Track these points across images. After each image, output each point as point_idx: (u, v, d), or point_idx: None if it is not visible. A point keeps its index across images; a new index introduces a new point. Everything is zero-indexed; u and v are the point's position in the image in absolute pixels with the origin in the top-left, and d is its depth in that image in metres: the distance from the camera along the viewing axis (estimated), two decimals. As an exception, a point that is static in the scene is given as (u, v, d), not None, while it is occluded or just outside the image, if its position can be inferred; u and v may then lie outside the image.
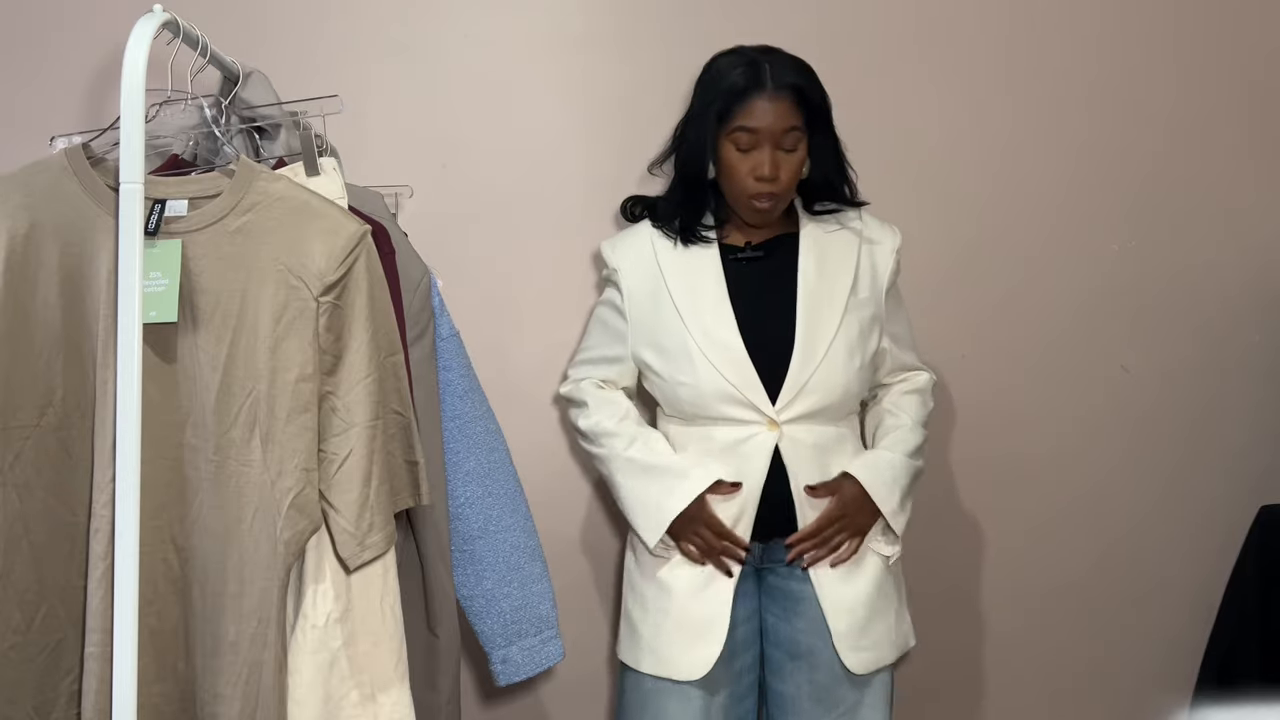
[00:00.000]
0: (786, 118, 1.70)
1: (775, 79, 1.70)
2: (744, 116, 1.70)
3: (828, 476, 1.76)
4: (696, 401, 1.76)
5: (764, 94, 1.69)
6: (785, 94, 1.70)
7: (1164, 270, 2.19)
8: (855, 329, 1.77)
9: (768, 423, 1.74)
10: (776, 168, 1.71)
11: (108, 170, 1.44)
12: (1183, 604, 2.22)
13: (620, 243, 1.87)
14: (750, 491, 1.74)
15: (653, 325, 1.80)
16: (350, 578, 1.45)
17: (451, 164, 2.06)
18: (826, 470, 1.76)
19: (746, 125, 1.70)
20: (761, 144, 1.70)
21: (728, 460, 1.75)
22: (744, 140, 1.70)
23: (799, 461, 1.74)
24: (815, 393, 1.74)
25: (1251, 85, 2.18)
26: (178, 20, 1.41)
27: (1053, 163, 2.16)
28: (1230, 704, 2.01)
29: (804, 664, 1.77)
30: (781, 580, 1.79)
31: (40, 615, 1.42)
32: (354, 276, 1.42)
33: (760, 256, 1.80)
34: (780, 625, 1.79)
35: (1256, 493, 2.17)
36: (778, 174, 1.71)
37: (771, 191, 1.72)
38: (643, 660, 1.78)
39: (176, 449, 1.42)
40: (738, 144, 1.71)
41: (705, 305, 1.77)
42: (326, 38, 2.03)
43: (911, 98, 2.11)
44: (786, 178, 1.73)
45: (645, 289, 1.81)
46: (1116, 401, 2.20)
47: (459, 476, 1.76)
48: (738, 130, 1.70)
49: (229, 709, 1.41)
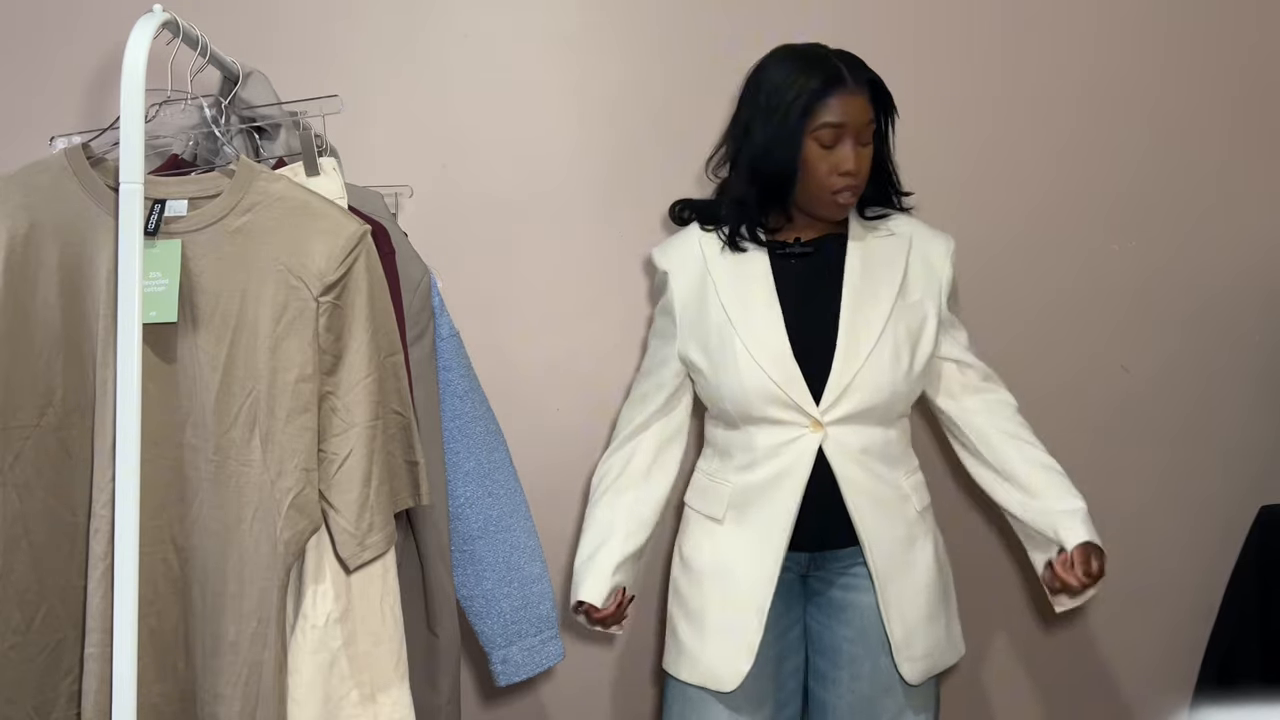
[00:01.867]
0: (867, 111, 1.70)
1: (853, 73, 1.70)
2: (828, 113, 1.68)
3: (876, 480, 1.73)
4: (740, 400, 1.74)
5: (847, 89, 1.68)
6: (864, 89, 1.70)
7: (1164, 270, 2.19)
8: (903, 330, 1.74)
9: (812, 424, 1.72)
10: (859, 161, 1.71)
11: (108, 170, 1.45)
12: (1183, 604, 2.22)
13: (669, 247, 1.85)
14: (791, 496, 1.72)
15: (701, 327, 1.78)
16: (350, 578, 1.45)
17: (451, 164, 2.06)
18: (874, 474, 1.73)
19: (831, 121, 1.68)
20: (845, 139, 1.69)
21: (770, 465, 1.73)
22: (828, 137, 1.69)
23: (846, 464, 1.72)
24: (860, 392, 1.71)
25: (1252, 85, 2.18)
26: (178, 20, 1.41)
27: (1052, 162, 2.16)
28: (1230, 704, 2.01)
29: (846, 673, 1.76)
30: (829, 588, 1.78)
31: (40, 615, 1.42)
32: (354, 276, 1.42)
33: (810, 253, 1.78)
34: (825, 632, 1.79)
35: (1256, 493, 2.17)
36: (860, 169, 1.71)
37: (854, 185, 1.72)
38: (683, 669, 1.77)
39: (176, 449, 1.42)
40: (821, 141, 1.69)
41: (753, 304, 1.75)
42: (327, 38, 2.03)
43: (908, 97, 2.10)
44: (866, 171, 1.73)
45: (694, 291, 1.80)
46: (1116, 401, 2.20)
47: (459, 476, 1.76)
48: (822, 127, 1.69)
49: (229, 709, 1.41)
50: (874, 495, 1.73)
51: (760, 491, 1.74)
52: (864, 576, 1.75)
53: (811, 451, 1.72)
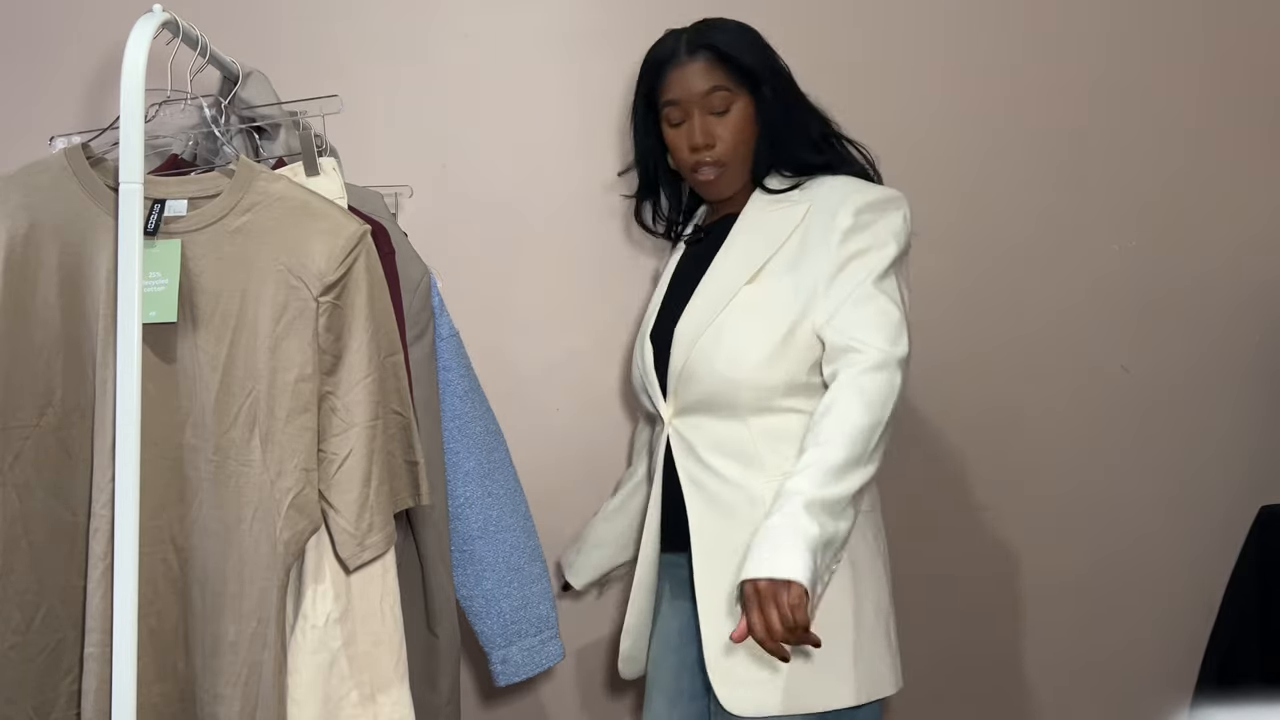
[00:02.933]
0: (705, 78, 1.60)
1: (689, 45, 1.62)
2: (665, 90, 1.64)
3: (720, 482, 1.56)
4: (633, 394, 1.76)
5: (679, 61, 1.62)
6: (700, 55, 1.61)
7: (1164, 270, 2.19)
8: (761, 313, 1.54)
9: (669, 417, 1.64)
10: (708, 133, 1.61)
11: (107, 170, 1.45)
12: (1183, 604, 2.22)
13: None
14: (655, 493, 1.68)
15: None
16: (350, 578, 1.45)
17: (451, 164, 2.06)
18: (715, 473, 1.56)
19: (669, 98, 1.63)
20: (691, 113, 1.62)
21: (645, 461, 1.76)
22: (674, 115, 1.63)
23: (685, 460, 1.60)
24: (694, 382, 1.58)
25: (1252, 84, 2.18)
26: (178, 20, 1.41)
27: (1052, 162, 2.15)
28: (1230, 704, 2.01)
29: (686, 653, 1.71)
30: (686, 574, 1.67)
31: (40, 615, 1.42)
32: (354, 276, 1.42)
33: (700, 239, 1.73)
34: None
35: (1256, 493, 2.17)
36: (711, 140, 1.61)
37: (709, 160, 1.61)
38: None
39: (176, 449, 1.42)
40: (670, 120, 1.65)
41: (653, 299, 1.76)
42: (326, 38, 2.03)
43: (909, 95, 2.11)
44: (724, 143, 1.61)
45: None
46: (1116, 401, 2.20)
47: (459, 476, 1.76)
48: (665, 105, 1.64)
49: (229, 709, 1.41)
50: (714, 498, 1.56)
51: (643, 488, 1.79)
52: None
53: (662, 446, 1.65)
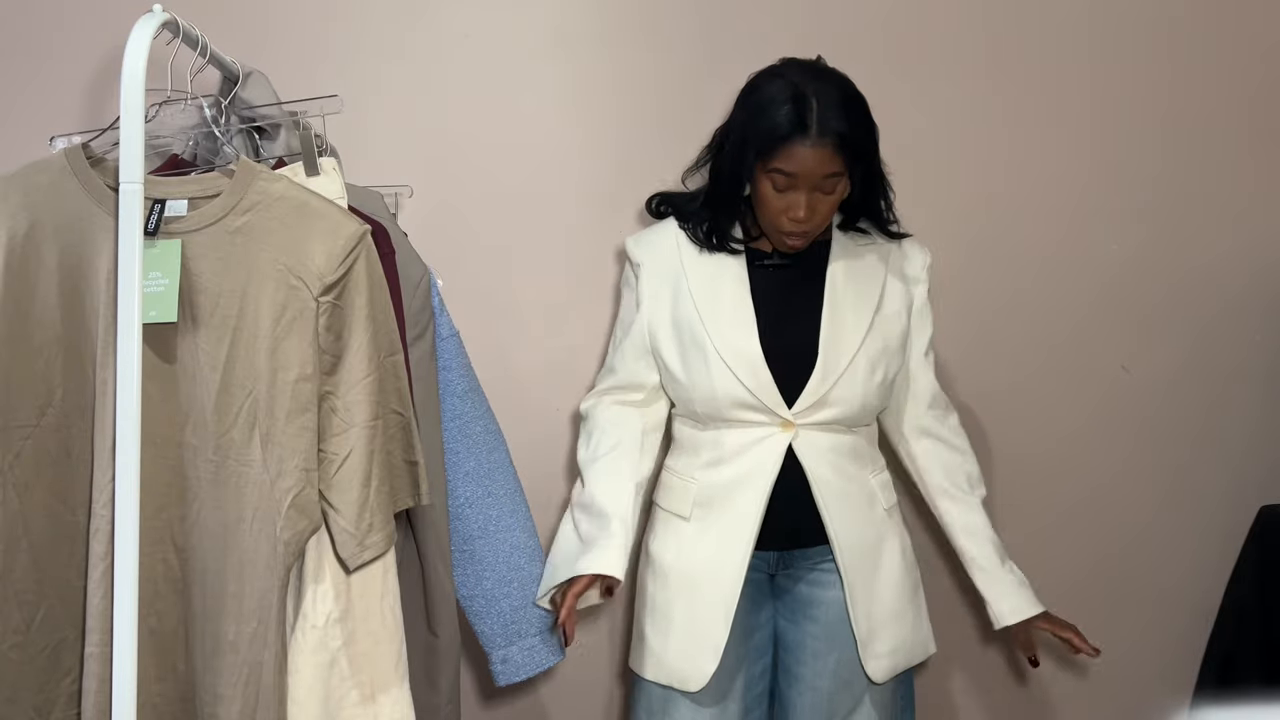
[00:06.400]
0: (826, 165, 1.63)
1: (820, 124, 1.61)
2: (783, 160, 1.63)
3: (845, 481, 1.75)
4: (710, 404, 1.74)
5: (806, 140, 1.61)
6: (829, 140, 1.61)
7: (1164, 270, 2.18)
8: (879, 344, 1.75)
9: (782, 424, 1.72)
10: (812, 211, 1.66)
11: (107, 170, 1.45)
12: (1183, 604, 2.22)
13: (644, 239, 1.85)
14: (759, 494, 1.72)
15: (671, 324, 1.78)
16: (350, 578, 1.45)
17: (451, 164, 2.06)
18: (843, 473, 1.75)
19: (784, 170, 1.64)
20: (798, 188, 1.65)
21: (738, 463, 1.74)
22: (781, 182, 1.65)
23: (816, 463, 1.73)
24: (834, 405, 1.72)
25: (1251, 84, 2.18)
26: (178, 20, 1.41)
27: (1052, 163, 2.15)
28: (1230, 704, 2.01)
29: (809, 669, 1.76)
30: (796, 584, 1.78)
31: (40, 615, 1.43)
32: (354, 276, 1.42)
33: (787, 265, 1.77)
34: (791, 629, 1.79)
35: (1256, 493, 2.17)
36: (812, 217, 1.67)
37: (804, 232, 1.69)
38: (648, 668, 1.77)
39: (176, 449, 1.42)
40: (775, 184, 1.66)
41: (725, 309, 1.74)
42: (327, 38, 2.03)
43: (912, 98, 2.11)
44: (820, 219, 1.69)
45: (667, 287, 1.79)
46: (1117, 402, 2.20)
47: (459, 476, 1.76)
48: (775, 171, 1.64)
49: (229, 709, 1.41)
50: (843, 493, 1.74)
51: (727, 489, 1.74)
52: (831, 573, 1.76)
53: (781, 450, 1.72)
